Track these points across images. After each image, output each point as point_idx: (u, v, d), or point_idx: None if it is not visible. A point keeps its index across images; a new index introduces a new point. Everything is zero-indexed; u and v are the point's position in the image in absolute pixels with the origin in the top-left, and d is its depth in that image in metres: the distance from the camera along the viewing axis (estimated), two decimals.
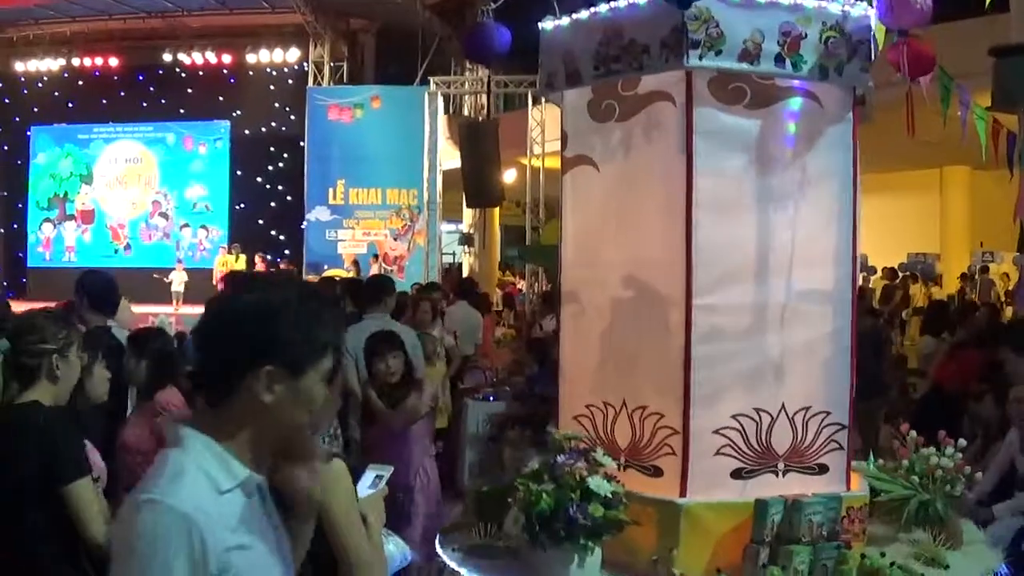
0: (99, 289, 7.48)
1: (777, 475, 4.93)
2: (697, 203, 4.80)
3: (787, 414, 4.94)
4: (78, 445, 4.48)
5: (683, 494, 4.79)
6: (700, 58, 4.81)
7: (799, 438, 4.96)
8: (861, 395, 5.37)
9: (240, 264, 26.79)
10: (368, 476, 3.71)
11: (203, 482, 2.32)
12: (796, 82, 4.95)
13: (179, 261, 28.57)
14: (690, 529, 4.69)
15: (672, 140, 4.91)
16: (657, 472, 4.96)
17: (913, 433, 5.25)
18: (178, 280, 27.13)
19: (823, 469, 5.02)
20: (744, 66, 4.82)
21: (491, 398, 11.00)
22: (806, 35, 4.86)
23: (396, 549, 4.26)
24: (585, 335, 5.38)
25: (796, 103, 5.00)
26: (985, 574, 4.95)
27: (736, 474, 4.87)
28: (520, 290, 26.18)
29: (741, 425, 4.86)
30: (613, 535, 4.59)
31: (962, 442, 5.37)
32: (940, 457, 5.25)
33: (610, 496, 4.61)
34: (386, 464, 3.77)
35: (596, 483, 4.61)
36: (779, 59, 4.84)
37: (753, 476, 4.88)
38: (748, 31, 4.82)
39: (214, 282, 25.66)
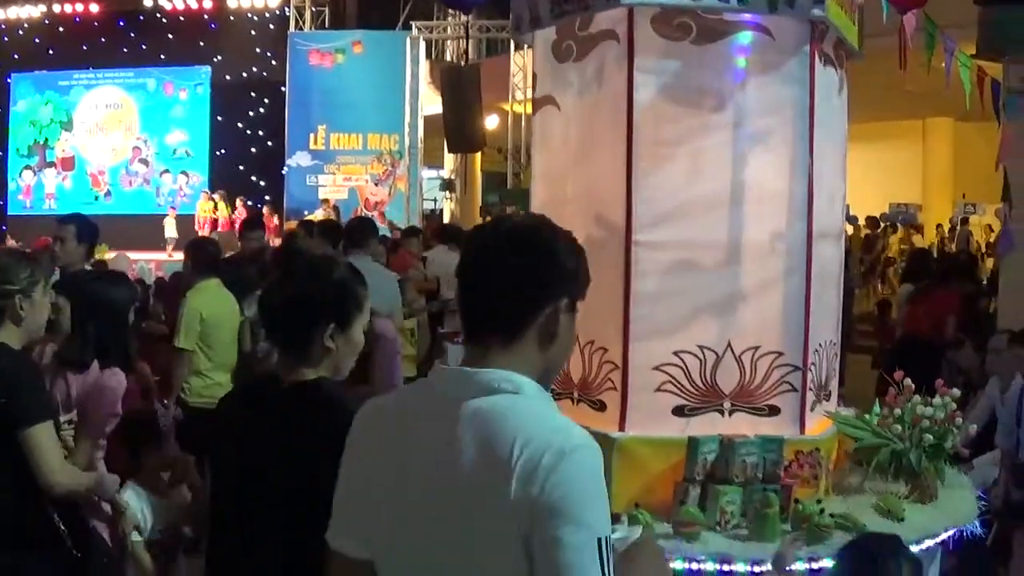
0: (85, 225, 7.49)
1: (723, 414, 4.89)
2: (638, 140, 4.79)
3: (734, 353, 4.89)
4: (40, 388, 4.44)
5: (621, 428, 4.82)
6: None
7: (747, 378, 4.90)
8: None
9: (222, 210, 26.69)
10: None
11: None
12: (747, 16, 4.85)
13: (172, 207, 28.42)
14: (623, 464, 4.69)
15: (618, 78, 4.89)
16: (601, 406, 5.00)
17: (908, 380, 5.07)
18: (171, 227, 26.93)
19: (774, 411, 4.96)
20: (686, 1, 4.79)
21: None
22: None
23: None
24: None
25: (746, 37, 4.90)
26: (944, 530, 4.78)
27: (679, 411, 4.86)
28: None
29: (684, 362, 4.84)
30: None
31: (955, 391, 5.19)
32: (926, 407, 5.04)
33: None
34: None
35: None
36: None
37: (696, 414, 4.85)
38: None
39: (197, 228, 25.58)
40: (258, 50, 29.33)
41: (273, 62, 28.53)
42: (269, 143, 28.22)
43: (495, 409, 2.35)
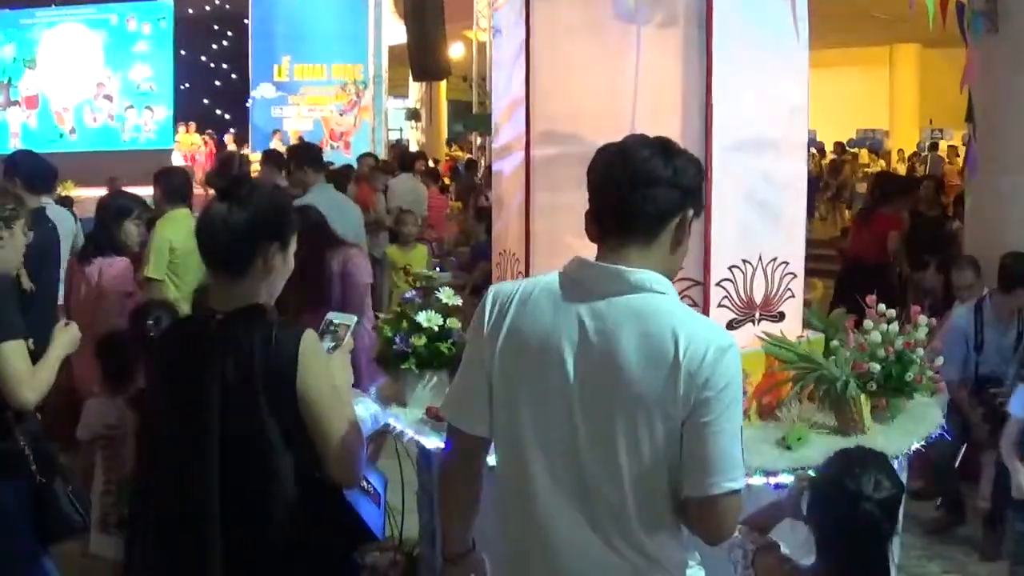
0: (32, 168, 7.41)
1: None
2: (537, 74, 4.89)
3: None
4: (9, 308, 4.41)
5: None
6: None
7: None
8: None
9: (193, 139, 26.57)
10: (326, 327, 3.53)
11: None
12: None
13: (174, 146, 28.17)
14: None
15: None
16: None
17: (882, 306, 4.85)
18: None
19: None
20: None
21: (436, 268, 11.01)
22: None
23: (365, 411, 4.05)
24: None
25: None
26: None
27: None
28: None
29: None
30: (445, 367, 4.90)
31: (923, 319, 4.89)
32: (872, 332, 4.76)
33: (436, 329, 4.93)
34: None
35: (425, 316, 4.97)
36: None
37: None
38: None
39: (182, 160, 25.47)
40: None
41: None
42: (233, 76, 28.18)
43: (652, 307, 2.61)
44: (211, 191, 10.72)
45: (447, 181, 22.01)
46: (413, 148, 25.87)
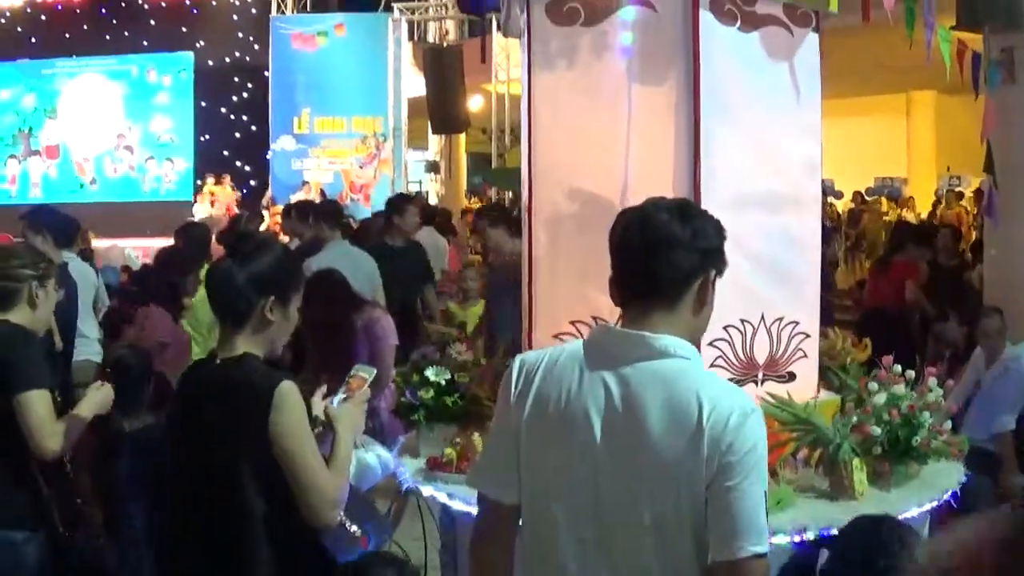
0: (56, 223, 7.50)
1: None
2: (537, 132, 5.05)
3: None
4: (37, 359, 4.56)
5: None
6: None
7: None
8: None
9: (228, 192, 26.60)
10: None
11: None
12: None
13: (198, 191, 28.06)
14: None
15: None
16: None
17: (898, 367, 4.84)
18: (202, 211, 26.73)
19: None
20: None
21: None
22: None
23: (376, 460, 4.23)
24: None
25: (629, 12, 4.85)
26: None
27: None
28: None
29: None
30: (452, 421, 5.20)
31: (933, 382, 4.89)
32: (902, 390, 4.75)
33: (442, 384, 5.21)
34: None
35: (433, 371, 5.24)
36: None
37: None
38: None
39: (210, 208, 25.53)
40: (240, 35, 29.20)
41: (256, 46, 28.39)
42: (253, 128, 28.12)
43: (675, 372, 2.67)
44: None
45: (469, 233, 22.00)
46: (432, 200, 25.89)
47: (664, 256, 2.71)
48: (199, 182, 28.13)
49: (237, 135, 28.81)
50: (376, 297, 8.58)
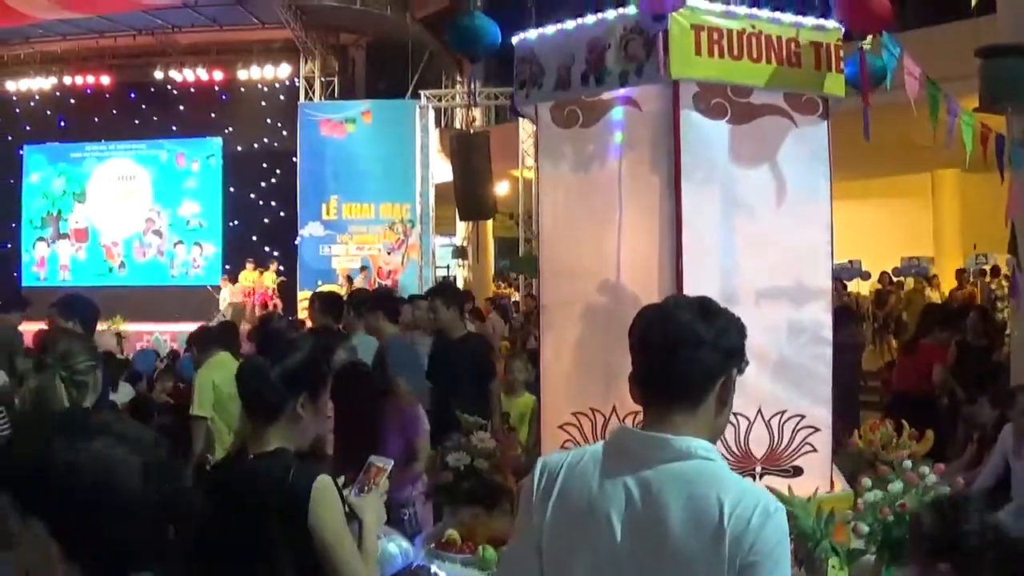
0: (91, 312, 7.56)
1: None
2: (543, 224, 5.41)
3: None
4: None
5: None
6: (526, 96, 5.29)
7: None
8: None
9: (269, 279, 26.74)
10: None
11: None
12: (622, 91, 5.02)
13: (224, 275, 28.33)
14: None
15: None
16: None
17: (925, 468, 4.70)
18: (225, 296, 26.91)
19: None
20: (559, 94, 5.14)
21: None
22: (609, 45, 4.93)
23: (397, 550, 4.35)
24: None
25: (618, 112, 5.10)
26: None
27: None
28: (512, 301, 26.18)
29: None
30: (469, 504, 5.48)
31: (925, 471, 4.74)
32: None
33: (461, 469, 5.56)
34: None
35: (454, 457, 5.58)
36: (584, 79, 5.03)
37: None
38: (560, 59, 5.08)
39: (244, 296, 25.65)
40: (269, 121, 29.60)
41: (284, 132, 28.79)
42: (282, 213, 28.40)
43: (697, 474, 2.62)
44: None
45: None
46: (460, 285, 25.94)
47: (687, 356, 2.67)
48: (227, 267, 28.32)
49: (266, 220, 29.01)
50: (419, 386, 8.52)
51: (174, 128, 29.88)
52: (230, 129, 29.78)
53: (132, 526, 1.98)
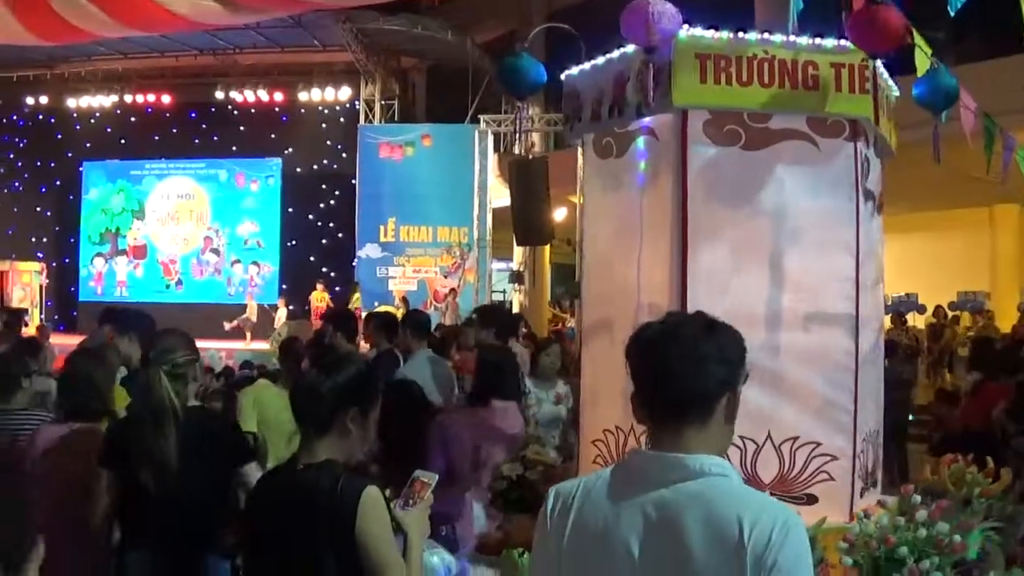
0: (144, 325, 7.61)
1: None
2: (585, 250, 5.61)
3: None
4: None
5: None
6: (571, 129, 5.61)
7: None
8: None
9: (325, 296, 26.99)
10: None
11: None
12: (645, 121, 5.14)
13: (249, 293, 28.76)
14: None
15: None
16: None
17: (916, 497, 4.55)
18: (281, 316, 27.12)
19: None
20: (594, 126, 5.39)
21: None
22: (629, 77, 5.06)
23: (440, 563, 4.43)
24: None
25: (641, 142, 5.21)
26: None
27: None
28: (568, 326, 26.18)
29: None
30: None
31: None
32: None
33: (514, 478, 6.10)
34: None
35: (508, 467, 6.16)
36: (611, 111, 5.22)
37: None
38: (594, 93, 5.31)
39: (314, 318, 25.82)
40: (328, 142, 29.91)
41: (343, 154, 29.06)
42: (340, 235, 28.64)
43: (713, 493, 2.59)
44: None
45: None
46: (515, 310, 25.98)
47: (694, 373, 2.65)
48: (284, 286, 28.55)
49: (323, 241, 29.25)
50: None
51: (234, 148, 30.23)
52: (289, 150, 30.09)
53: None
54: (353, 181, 27.56)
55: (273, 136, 30.06)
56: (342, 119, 29.60)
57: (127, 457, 4.87)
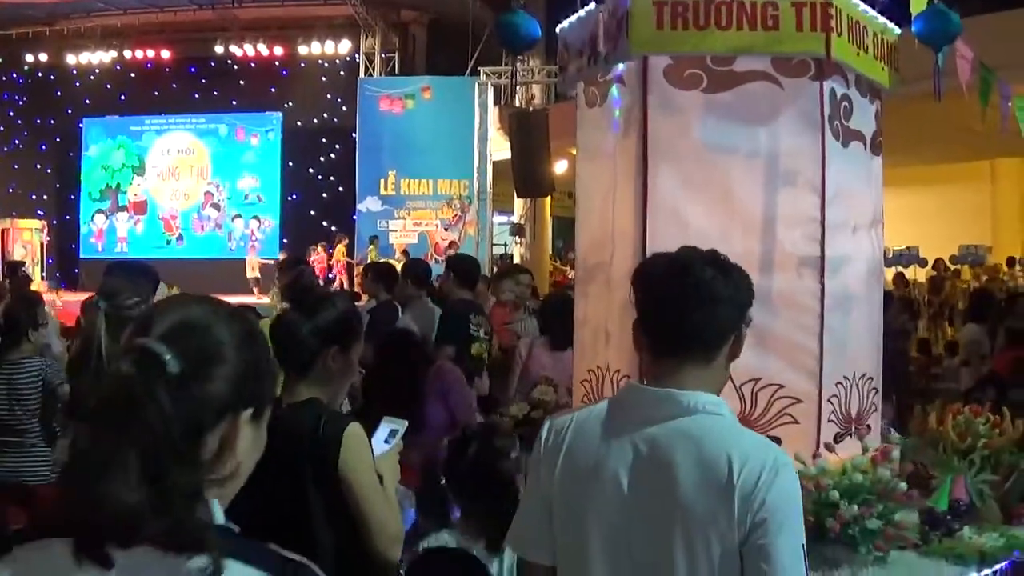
0: (152, 282, 7.57)
1: None
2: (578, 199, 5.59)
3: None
4: None
5: None
6: (563, 80, 5.72)
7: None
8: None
9: (340, 253, 26.97)
10: (382, 430, 3.94)
11: None
12: (620, 68, 5.10)
13: (252, 247, 28.77)
14: None
15: None
16: None
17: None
18: (252, 267, 27.10)
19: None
20: (578, 76, 5.44)
21: None
22: (601, 27, 5.08)
23: (408, 504, 4.51)
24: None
25: (615, 90, 5.16)
26: None
27: None
28: (569, 278, 26.17)
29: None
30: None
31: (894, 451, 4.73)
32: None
33: (520, 417, 6.22)
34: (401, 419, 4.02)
35: (517, 407, 6.36)
36: (589, 61, 5.24)
37: None
38: (579, 44, 5.36)
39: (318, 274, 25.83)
40: (328, 96, 29.88)
41: (343, 108, 29.03)
42: (340, 188, 28.65)
43: (705, 430, 2.60)
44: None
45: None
46: (516, 261, 25.95)
47: (707, 313, 2.65)
48: (285, 240, 28.56)
49: (324, 195, 29.25)
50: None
51: (234, 102, 30.19)
52: (289, 104, 30.05)
53: None
54: (353, 135, 27.54)
55: (273, 90, 30.01)
56: (342, 73, 29.52)
57: None
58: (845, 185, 5.10)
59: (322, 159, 29.46)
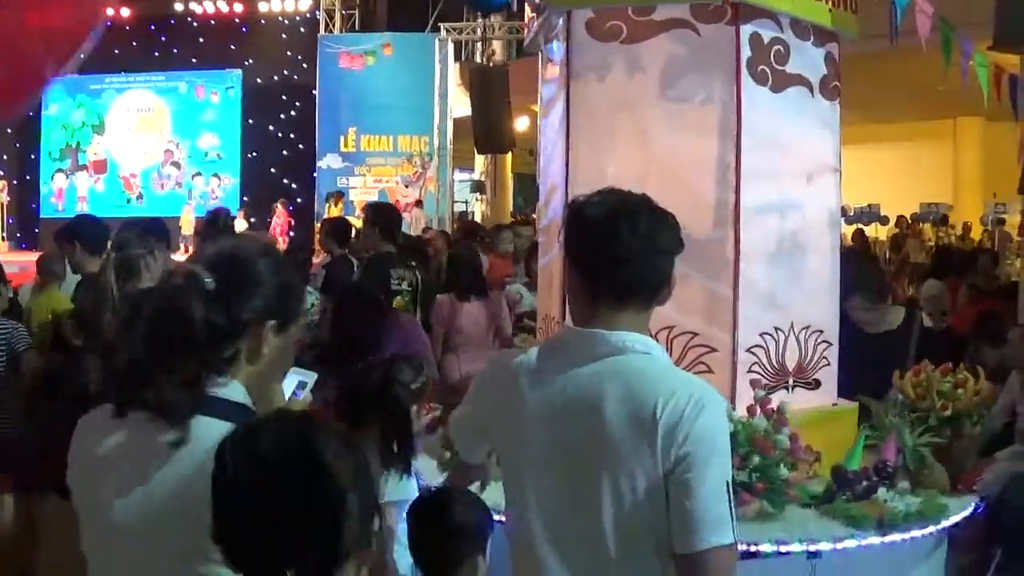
0: (90, 232, 7.45)
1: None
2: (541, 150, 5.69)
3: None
4: None
5: None
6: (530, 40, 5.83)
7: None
8: None
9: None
10: (290, 381, 3.80)
11: None
12: (559, 24, 5.20)
13: (188, 202, 28.52)
14: None
15: None
16: None
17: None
18: (187, 223, 26.89)
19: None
20: (537, 33, 5.66)
21: None
22: None
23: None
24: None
25: (555, 45, 5.36)
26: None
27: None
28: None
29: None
30: None
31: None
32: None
33: None
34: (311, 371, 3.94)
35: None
36: (538, 15, 5.55)
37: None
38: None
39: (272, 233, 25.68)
40: (288, 53, 29.57)
41: (304, 65, 28.74)
42: (300, 146, 28.47)
43: (632, 368, 2.64)
44: None
45: None
46: (477, 219, 25.94)
47: (651, 261, 2.70)
48: (245, 198, 28.40)
49: (284, 152, 29.09)
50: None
51: (193, 60, 29.80)
52: (249, 61, 29.73)
53: None
54: (313, 92, 27.37)
55: (233, 48, 29.65)
56: (302, 29, 29.22)
57: None
58: (779, 131, 5.06)
59: (282, 116, 29.27)
